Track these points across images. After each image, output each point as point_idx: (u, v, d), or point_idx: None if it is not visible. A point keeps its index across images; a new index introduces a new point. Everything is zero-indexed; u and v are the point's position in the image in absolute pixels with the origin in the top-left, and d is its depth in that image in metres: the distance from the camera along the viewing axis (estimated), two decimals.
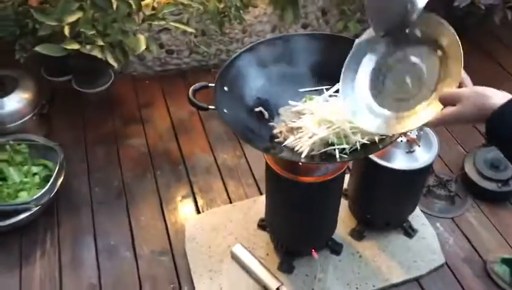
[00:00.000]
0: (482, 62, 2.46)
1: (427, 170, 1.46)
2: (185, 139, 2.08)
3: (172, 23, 1.81)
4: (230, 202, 1.82)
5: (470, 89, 0.87)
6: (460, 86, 0.90)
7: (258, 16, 2.35)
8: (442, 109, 0.88)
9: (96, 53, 1.64)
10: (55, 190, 1.73)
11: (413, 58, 1.00)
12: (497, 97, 0.82)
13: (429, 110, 0.93)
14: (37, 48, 1.67)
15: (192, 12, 2.06)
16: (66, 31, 1.61)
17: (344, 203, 1.72)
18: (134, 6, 1.69)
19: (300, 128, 1.19)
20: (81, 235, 1.72)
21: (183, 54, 2.37)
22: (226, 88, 1.21)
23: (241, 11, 2.14)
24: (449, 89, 0.89)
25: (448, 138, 2.06)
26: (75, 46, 1.63)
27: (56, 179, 1.74)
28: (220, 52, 2.40)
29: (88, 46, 1.64)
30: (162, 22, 1.76)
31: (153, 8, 1.81)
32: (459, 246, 1.67)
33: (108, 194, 1.86)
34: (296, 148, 1.16)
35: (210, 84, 1.23)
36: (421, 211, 1.75)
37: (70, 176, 1.88)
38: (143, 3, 1.79)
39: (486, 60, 2.48)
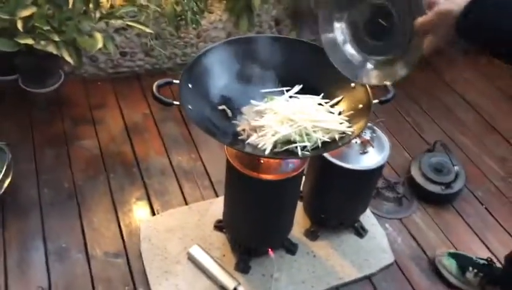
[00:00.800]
0: (443, 93, 2.59)
1: (380, 170, 1.53)
2: (138, 141, 2.05)
3: (130, 23, 1.80)
4: (186, 204, 1.81)
5: (434, 14, 0.91)
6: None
7: (213, 22, 2.37)
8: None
9: (52, 49, 1.60)
10: (2, 191, 1.66)
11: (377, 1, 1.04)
12: (458, 7, 0.87)
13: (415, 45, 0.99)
14: None
15: (148, 14, 2.05)
16: (19, 25, 1.56)
17: (299, 205, 1.76)
18: (91, 4, 1.67)
19: (263, 126, 1.22)
20: (29, 238, 1.65)
21: (136, 57, 2.34)
22: (190, 85, 1.22)
23: (198, 16, 2.16)
24: (421, 19, 0.93)
25: (395, 144, 2.16)
26: (29, 41, 1.58)
27: (3, 180, 1.66)
28: (174, 55, 2.40)
29: (43, 42, 1.60)
30: (119, 21, 1.75)
31: (111, 7, 1.79)
32: (407, 245, 1.76)
33: (59, 196, 1.79)
34: (259, 145, 1.18)
35: (175, 81, 1.24)
36: (371, 212, 1.82)
37: (18, 177, 1.79)
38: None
39: (447, 91, 2.57)
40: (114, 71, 2.36)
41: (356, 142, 1.50)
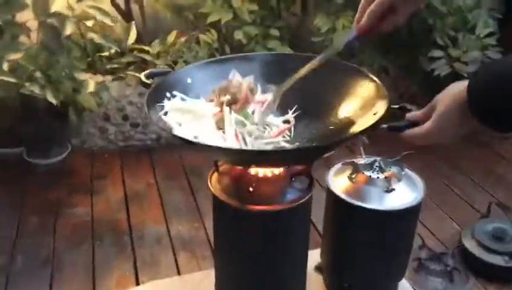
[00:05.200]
0: (496, 164, 2.27)
1: (413, 214, 1.18)
2: (136, 210, 1.80)
3: (129, 72, 1.67)
4: (179, 275, 1.49)
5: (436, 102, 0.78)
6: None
7: None
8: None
9: (35, 88, 1.46)
10: None
11: None
12: (458, 85, 0.74)
13: None
14: None
15: None
16: (5, 66, 1.46)
17: (319, 279, 1.39)
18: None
19: None
20: None
21: (149, 128, 2.20)
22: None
23: None
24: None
25: (441, 216, 1.79)
26: (12, 79, 1.45)
27: None
28: None
29: (27, 83, 1.47)
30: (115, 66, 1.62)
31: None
32: None
33: (32, 263, 1.53)
34: None
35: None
36: (413, 289, 1.41)
37: None
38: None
39: (501, 162, 2.27)
40: (125, 144, 2.20)
41: (378, 178, 1.18)
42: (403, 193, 1.17)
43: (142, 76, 1.06)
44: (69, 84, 1.51)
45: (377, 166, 1.21)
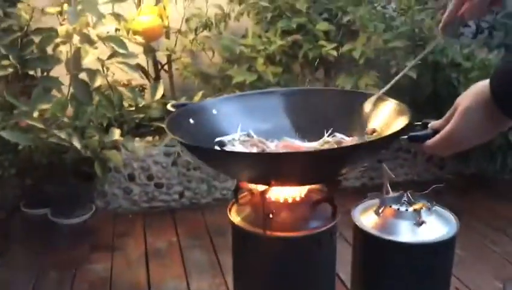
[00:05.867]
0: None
1: (449, 249, 1.09)
2: (156, 266, 1.74)
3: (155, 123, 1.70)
4: None
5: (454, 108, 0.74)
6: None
7: None
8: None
9: (62, 134, 1.49)
10: None
11: None
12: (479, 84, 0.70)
13: None
14: (2, 133, 1.53)
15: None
16: (35, 114, 1.51)
17: None
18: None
19: None
20: None
21: (173, 189, 2.19)
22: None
23: None
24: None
25: (481, 271, 1.66)
26: (40, 125, 1.49)
27: None
28: (214, 189, 2.21)
29: (56, 130, 1.51)
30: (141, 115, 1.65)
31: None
32: None
33: None
34: None
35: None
36: None
37: None
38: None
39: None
40: (149, 206, 2.18)
41: (407, 211, 1.12)
42: (435, 226, 1.11)
43: (168, 106, 1.08)
44: (95, 133, 1.54)
45: (404, 200, 1.16)
